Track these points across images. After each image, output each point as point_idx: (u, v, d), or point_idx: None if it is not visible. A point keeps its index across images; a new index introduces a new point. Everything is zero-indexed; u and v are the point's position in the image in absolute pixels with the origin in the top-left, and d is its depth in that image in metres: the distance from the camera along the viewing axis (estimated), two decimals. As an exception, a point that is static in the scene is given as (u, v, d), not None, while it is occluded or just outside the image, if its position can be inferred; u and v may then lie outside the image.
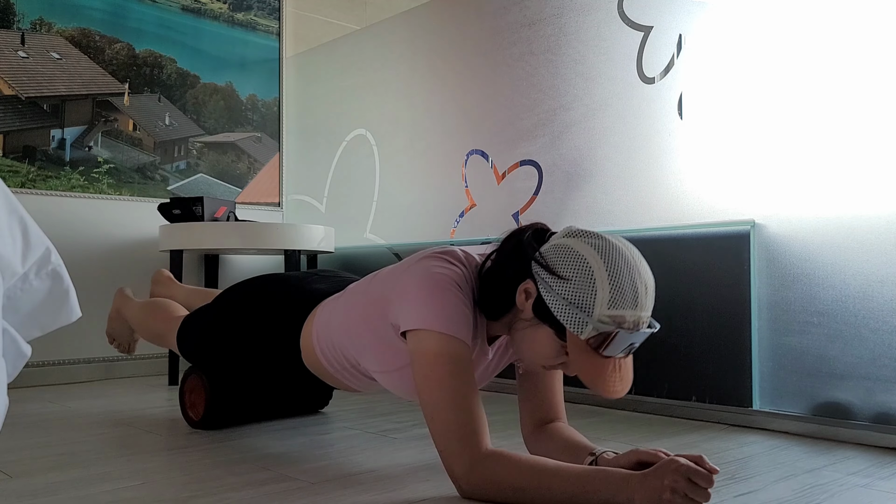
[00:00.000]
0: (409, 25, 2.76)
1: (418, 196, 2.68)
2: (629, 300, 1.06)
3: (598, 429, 1.72)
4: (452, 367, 1.11)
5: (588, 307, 1.06)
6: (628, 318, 1.06)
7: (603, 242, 1.10)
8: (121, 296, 2.03)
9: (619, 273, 1.06)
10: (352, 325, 1.32)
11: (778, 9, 1.75)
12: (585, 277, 1.07)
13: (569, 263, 1.09)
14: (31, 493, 1.19)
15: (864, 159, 1.61)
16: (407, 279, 1.19)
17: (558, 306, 1.08)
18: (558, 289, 1.08)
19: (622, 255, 1.08)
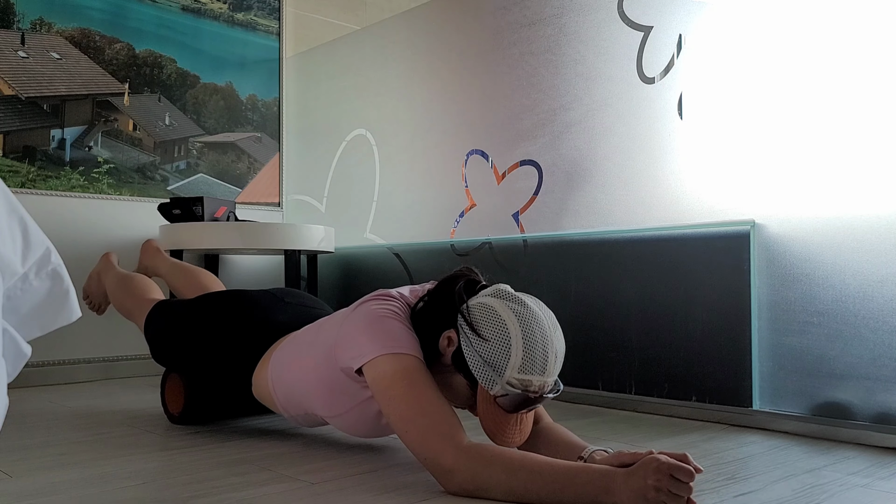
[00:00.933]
0: (408, 25, 2.76)
1: (418, 196, 2.68)
2: (538, 367, 1.15)
3: (598, 429, 1.72)
4: (410, 379, 1.18)
5: (501, 368, 1.15)
6: (535, 383, 1.15)
7: (523, 309, 1.18)
8: (105, 260, 2.15)
9: (533, 341, 1.15)
10: (302, 378, 1.42)
11: (778, 9, 1.75)
12: (502, 341, 1.15)
13: (490, 325, 1.17)
14: (31, 493, 1.19)
15: (864, 159, 1.61)
16: (349, 323, 1.29)
17: (474, 362, 1.17)
18: (477, 346, 1.17)
19: (539, 324, 1.17)
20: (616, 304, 2.03)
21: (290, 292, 1.78)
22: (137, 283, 1.99)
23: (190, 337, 1.69)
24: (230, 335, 1.62)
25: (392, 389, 1.18)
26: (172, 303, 1.82)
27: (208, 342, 1.65)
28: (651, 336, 1.95)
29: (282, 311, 1.67)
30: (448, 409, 1.16)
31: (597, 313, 2.07)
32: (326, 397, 1.37)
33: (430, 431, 1.13)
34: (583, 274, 2.11)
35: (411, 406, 1.16)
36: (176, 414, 1.76)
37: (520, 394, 1.15)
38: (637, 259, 1.99)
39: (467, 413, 1.91)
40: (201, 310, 1.72)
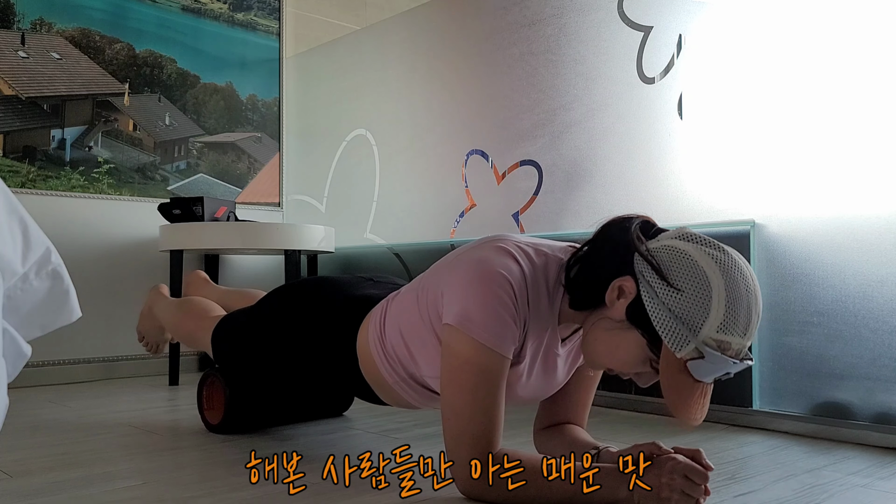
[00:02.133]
0: (408, 25, 2.76)
1: (418, 196, 2.68)
2: (741, 328, 0.96)
3: (598, 429, 1.72)
4: (481, 378, 1.05)
5: (696, 326, 0.96)
6: (734, 346, 0.97)
7: (726, 258, 0.99)
8: (155, 293, 1.96)
9: (738, 296, 0.96)
10: (405, 325, 1.21)
11: (778, 9, 1.75)
12: (702, 294, 0.96)
13: (685, 273, 0.98)
14: (31, 493, 1.19)
15: (864, 159, 1.61)
16: (459, 270, 1.10)
17: (661, 316, 0.97)
18: (666, 298, 0.97)
19: (744, 277, 0.98)
20: (616, 304, 2.03)
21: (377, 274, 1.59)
22: (196, 303, 1.80)
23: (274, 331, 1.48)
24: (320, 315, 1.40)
25: (460, 373, 1.06)
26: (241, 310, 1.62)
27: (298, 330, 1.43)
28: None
29: (371, 287, 1.46)
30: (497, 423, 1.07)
31: (597, 313, 2.07)
32: (432, 347, 1.17)
33: (469, 438, 1.06)
34: (583, 274, 2.10)
35: (466, 403, 1.06)
36: (215, 423, 1.67)
37: (718, 356, 0.96)
38: (637, 259, 1.98)
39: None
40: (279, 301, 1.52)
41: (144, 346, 1.99)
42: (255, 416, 1.69)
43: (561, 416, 1.31)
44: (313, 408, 1.85)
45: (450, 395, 1.08)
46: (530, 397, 1.23)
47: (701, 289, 0.96)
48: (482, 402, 1.06)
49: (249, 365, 1.56)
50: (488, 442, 1.06)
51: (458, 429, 1.07)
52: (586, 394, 1.32)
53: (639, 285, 1.00)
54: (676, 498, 0.98)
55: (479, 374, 1.05)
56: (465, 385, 1.06)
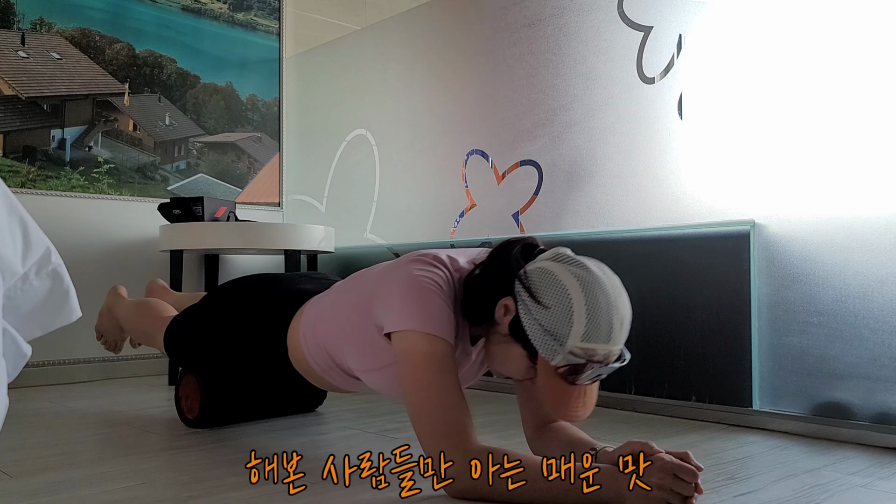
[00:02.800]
0: (408, 26, 2.76)
1: (418, 196, 2.68)
2: (603, 335, 1.08)
3: (598, 429, 1.72)
4: (436, 366, 1.13)
5: (562, 337, 1.08)
6: (599, 352, 1.08)
7: (586, 274, 1.11)
8: (114, 294, 2.04)
9: (597, 307, 1.08)
10: (336, 324, 1.34)
11: (778, 9, 1.75)
12: (564, 308, 1.08)
13: (550, 291, 1.10)
14: (31, 493, 1.19)
15: (864, 159, 1.61)
16: (391, 282, 1.22)
17: (534, 331, 1.10)
18: (536, 314, 1.10)
19: (603, 289, 1.10)
20: (616, 304, 2.03)
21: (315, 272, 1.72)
22: (151, 305, 1.90)
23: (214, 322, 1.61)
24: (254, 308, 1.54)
25: (416, 370, 1.13)
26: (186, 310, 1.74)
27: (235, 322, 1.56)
28: (651, 336, 1.95)
29: (305, 282, 1.59)
30: (464, 407, 1.13)
31: (597, 313, 2.07)
32: (361, 349, 1.30)
33: (443, 427, 1.10)
34: (583, 274, 2.10)
35: (430, 395, 1.12)
36: (192, 417, 1.73)
37: (584, 364, 1.08)
38: (637, 259, 1.99)
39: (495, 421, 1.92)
40: (220, 295, 1.65)
41: (103, 344, 2.05)
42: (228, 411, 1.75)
43: (544, 414, 1.32)
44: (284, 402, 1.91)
45: (413, 395, 1.14)
46: None
47: (564, 304, 1.08)
48: (444, 389, 1.12)
49: (199, 361, 1.66)
50: (463, 431, 1.10)
51: (431, 422, 1.11)
52: None
53: (517, 304, 1.13)
54: (665, 496, 0.99)
55: (432, 364, 1.13)
56: (424, 378, 1.13)
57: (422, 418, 1.12)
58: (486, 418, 1.85)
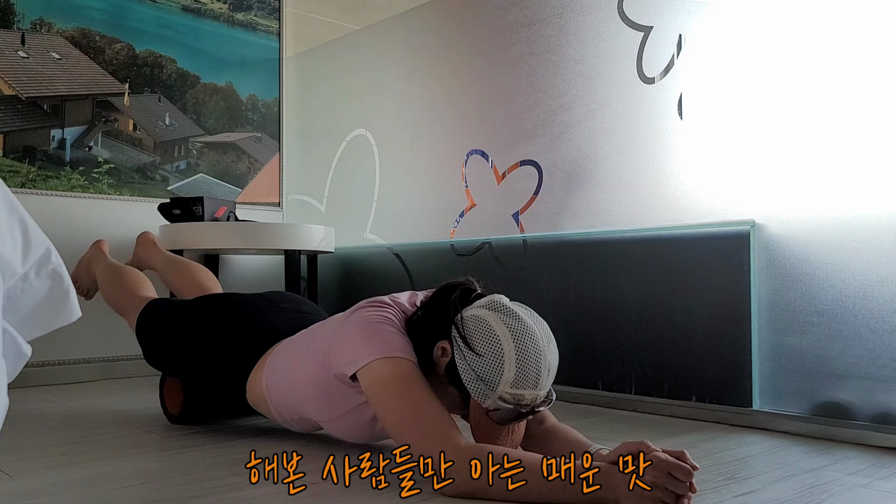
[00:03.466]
0: (409, 26, 2.76)
1: (418, 196, 2.68)
2: (531, 382, 1.16)
3: (598, 429, 1.72)
4: (405, 382, 1.18)
5: (493, 384, 1.15)
6: (527, 397, 1.16)
7: (517, 324, 1.17)
8: (96, 248, 2.12)
9: (526, 357, 1.15)
10: (296, 383, 1.41)
11: (778, 9, 1.75)
12: (495, 357, 1.15)
13: (483, 339, 1.17)
14: (31, 493, 1.19)
15: (864, 159, 1.61)
16: (344, 330, 1.29)
17: (467, 376, 1.17)
18: (470, 361, 1.17)
19: (533, 338, 1.17)
20: (616, 304, 2.03)
21: (286, 297, 1.78)
22: (129, 277, 1.95)
23: (183, 342, 1.67)
24: (224, 341, 1.62)
25: (387, 392, 1.18)
26: (165, 304, 1.79)
27: (202, 348, 1.64)
28: (651, 336, 1.95)
29: (276, 316, 1.66)
30: (443, 411, 1.16)
31: (597, 313, 2.07)
32: (320, 402, 1.38)
33: (427, 434, 1.13)
34: (583, 274, 2.10)
35: (407, 409, 1.16)
36: (175, 414, 1.75)
37: (512, 408, 1.16)
38: (637, 259, 1.99)
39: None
40: (195, 314, 1.70)
41: (76, 289, 2.12)
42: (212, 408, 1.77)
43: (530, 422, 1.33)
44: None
45: (391, 416, 1.17)
46: None
47: (495, 353, 1.16)
48: (419, 399, 1.16)
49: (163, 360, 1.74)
50: (446, 430, 1.13)
51: (415, 431, 1.14)
52: None
53: (453, 349, 1.20)
54: (659, 495, 0.99)
55: (401, 381, 1.18)
56: (397, 396, 1.17)
57: (404, 433, 1.15)
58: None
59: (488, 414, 1.17)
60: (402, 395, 1.16)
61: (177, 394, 1.75)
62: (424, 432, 1.13)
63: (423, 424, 1.13)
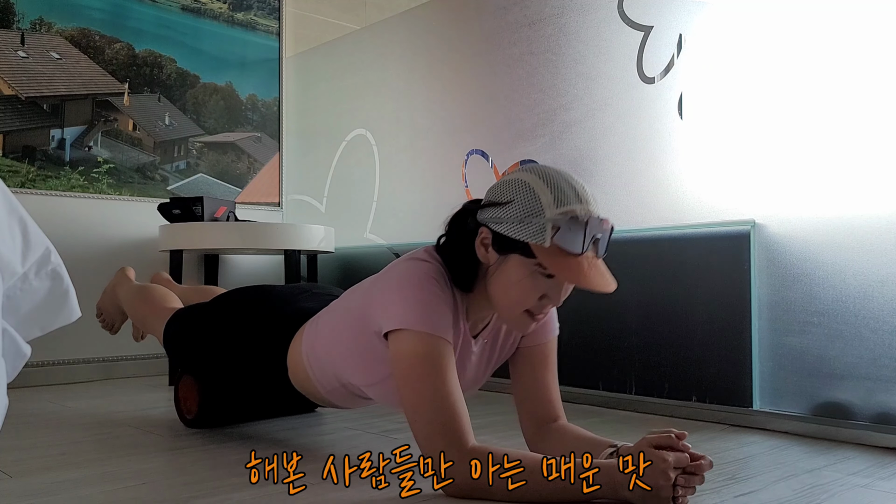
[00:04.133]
0: (408, 25, 2.76)
1: (418, 196, 2.68)
2: (572, 197, 1.10)
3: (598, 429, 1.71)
4: (432, 365, 1.12)
5: (539, 213, 1.10)
6: (578, 212, 1.09)
7: (531, 165, 1.16)
8: (121, 274, 2.05)
9: (554, 179, 1.12)
10: (335, 342, 1.33)
11: (778, 9, 1.75)
12: (526, 192, 1.11)
13: (507, 190, 1.13)
14: (31, 493, 1.19)
15: (864, 159, 1.61)
16: (384, 283, 1.21)
17: (513, 229, 1.11)
18: (507, 215, 1.12)
19: (551, 168, 1.15)
20: (616, 304, 2.03)
21: (316, 285, 1.72)
22: (156, 292, 1.92)
23: (215, 333, 1.62)
24: (256, 324, 1.55)
25: (412, 370, 1.12)
26: (193, 305, 1.76)
27: (235, 335, 1.58)
28: (651, 336, 1.95)
29: (307, 299, 1.59)
30: (460, 406, 1.12)
31: (597, 313, 2.07)
32: (362, 365, 1.29)
33: (439, 427, 1.09)
34: (583, 274, 2.10)
35: (426, 394, 1.11)
36: (190, 417, 1.73)
37: (575, 228, 1.08)
38: (637, 259, 1.99)
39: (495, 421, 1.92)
40: (222, 305, 1.66)
41: (101, 322, 2.07)
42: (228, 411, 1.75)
43: (542, 413, 1.32)
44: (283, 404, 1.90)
45: (409, 395, 1.12)
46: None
47: (523, 190, 1.12)
48: (440, 389, 1.11)
49: (196, 363, 1.69)
50: (459, 430, 1.09)
51: (427, 422, 1.10)
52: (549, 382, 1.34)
53: (489, 227, 1.15)
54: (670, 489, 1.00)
55: (428, 363, 1.11)
56: (420, 378, 1.11)
57: (416, 420, 1.12)
58: (487, 419, 1.84)
59: (561, 249, 1.08)
60: (426, 380, 1.11)
61: (192, 397, 1.72)
62: (435, 425, 1.10)
63: (437, 418, 1.10)
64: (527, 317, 1.17)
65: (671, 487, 1.00)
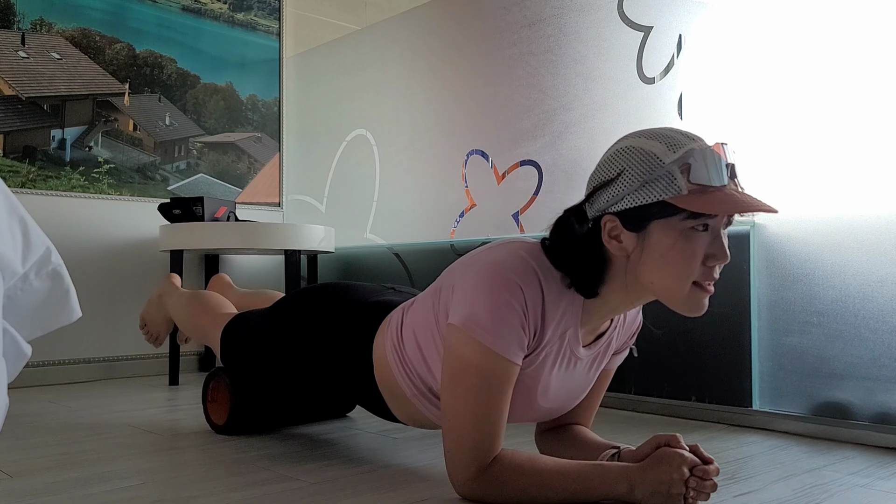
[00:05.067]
0: (408, 25, 2.76)
1: (418, 196, 2.68)
2: (682, 140, 1.00)
3: (597, 429, 1.72)
4: (485, 383, 1.03)
5: (659, 165, 0.98)
6: (695, 148, 0.98)
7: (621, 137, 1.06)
8: (168, 282, 1.94)
9: (653, 133, 1.02)
10: (420, 331, 1.18)
11: (778, 9, 1.75)
12: (634, 155, 1.00)
13: (611, 166, 1.02)
14: (31, 493, 1.19)
15: (863, 159, 1.61)
16: (472, 270, 1.08)
17: (641, 196, 0.99)
18: (624, 188, 1.00)
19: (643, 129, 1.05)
20: (616, 304, 2.03)
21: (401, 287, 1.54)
22: (210, 298, 1.77)
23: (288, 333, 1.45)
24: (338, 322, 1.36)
25: (462, 376, 1.04)
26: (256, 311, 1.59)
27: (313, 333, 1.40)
28: (651, 336, 1.95)
29: (390, 293, 1.43)
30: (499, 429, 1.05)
31: (597, 313, 2.07)
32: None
33: (468, 440, 1.04)
34: (583, 274, 2.10)
35: (468, 406, 1.04)
36: (220, 424, 1.66)
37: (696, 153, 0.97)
38: (637, 259, 1.98)
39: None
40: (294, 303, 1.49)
41: (144, 333, 1.96)
42: (259, 418, 1.67)
43: (568, 417, 1.30)
44: (318, 410, 1.82)
45: (451, 398, 1.06)
46: (552, 407, 1.19)
47: (630, 155, 1.01)
48: (484, 407, 1.04)
49: (256, 366, 1.53)
50: (489, 448, 1.05)
51: (459, 433, 1.05)
52: (596, 395, 1.31)
53: (612, 211, 1.02)
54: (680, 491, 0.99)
55: (483, 379, 1.03)
56: (469, 389, 1.04)
57: (453, 424, 1.06)
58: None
59: (703, 189, 0.97)
60: (472, 392, 1.03)
61: (223, 404, 1.65)
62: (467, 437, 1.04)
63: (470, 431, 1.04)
64: (698, 290, 1.02)
65: (683, 484, 0.99)
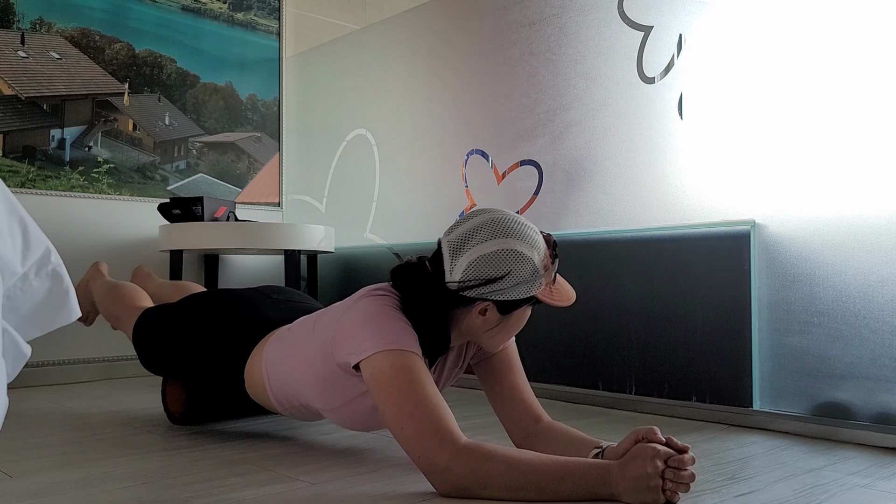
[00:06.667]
0: (408, 25, 2.76)
1: (418, 196, 2.68)
2: (538, 239, 1.22)
3: (598, 429, 1.72)
4: (409, 376, 1.15)
5: (536, 270, 1.19)
6: (548, 253, 1.23)
7: (494, 222, 1.20)
8: (94, 270, 2.12)
9: (521, 233, 1.20)
10: (296, 370, 1.39)
11: (778, 9, 1.75)
12: (517, 259, 1.18)
13: (497, 264, 1.18)
14: (31, 493, 1.19)
15: (864, 159, 1.61)
16: (347, 318, 1.26)
17: (518, 291, 1.19)
18: (508, 284, 1.18)
19: (506, 217, 1.22)
20: (616, 304, 2.03)
21: (277, 289, 1.76)
22: (127, 291, 1.96)
23: (176, 341, 1.65)
24: (217, 334, 1.58)
25: (390, 386, 1.15)
26: (158, 307, 1.79)
27: (195, 344, 1.61)
28: (651, 336, 1.95)
29: (269, 307, 1.63)
30: (445, 407, 1.14)
31: (597, 313, 2.07)
32: (322, 391, 1.35)
33: (430, 426, 1.11)
34: (583, 274, 2.10)
35: (408, 403, 1.13)
36: (177, 414, 1.75)
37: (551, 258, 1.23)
38: (637, 259, 1.99)
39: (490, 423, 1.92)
40: (185, 310, 1.68)
41: None
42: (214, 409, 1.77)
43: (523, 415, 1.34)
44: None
45: (392, 409, 1.15)
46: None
47: (514, 259, 1.18)
48: (422, 394, 1.14)
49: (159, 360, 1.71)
50: (448, 427, 1.11)
51: (416, 425, 1.12)
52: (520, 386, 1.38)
53: (489, 298, 1.20)
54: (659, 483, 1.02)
55: (405, 375, 1.15)
56: (400, 390, 1.14)
57: (404, 427, 1.13)
58: (485, 419, 1.85)
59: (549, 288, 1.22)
60: (405, 390, 1.14)
61: (179, 394, 1.75)
62: (425, 427, 1.11)
63: (425, 419, 1.11)
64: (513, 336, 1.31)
65: (659, 476, 1.02)
